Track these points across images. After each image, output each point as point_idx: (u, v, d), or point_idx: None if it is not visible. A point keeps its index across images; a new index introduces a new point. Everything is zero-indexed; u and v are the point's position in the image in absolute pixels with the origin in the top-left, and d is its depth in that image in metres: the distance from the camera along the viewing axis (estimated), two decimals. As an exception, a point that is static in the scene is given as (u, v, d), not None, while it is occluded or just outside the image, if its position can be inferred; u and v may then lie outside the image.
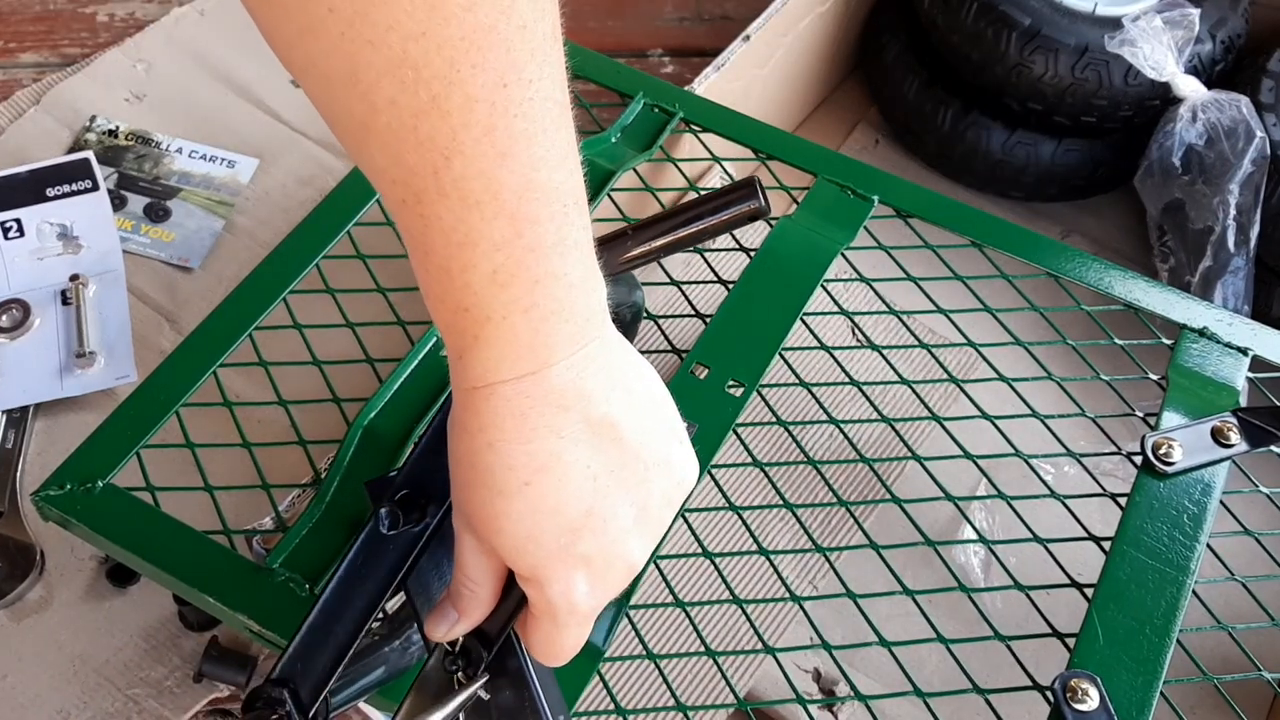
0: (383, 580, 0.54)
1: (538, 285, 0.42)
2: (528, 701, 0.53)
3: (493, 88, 0.38)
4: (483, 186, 0.40)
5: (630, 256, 0.56)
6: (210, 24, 1.24)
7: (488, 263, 0.41)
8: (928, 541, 0.73)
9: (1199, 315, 0.81)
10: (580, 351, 0.44)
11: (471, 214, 0.40)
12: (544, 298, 0.42)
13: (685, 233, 0.57)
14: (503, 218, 0.40)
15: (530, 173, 0.41)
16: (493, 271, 0.41)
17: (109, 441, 0.73)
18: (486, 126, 0.39)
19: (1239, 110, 1.01)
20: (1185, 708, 0.67)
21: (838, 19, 1.23)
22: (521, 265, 0.41)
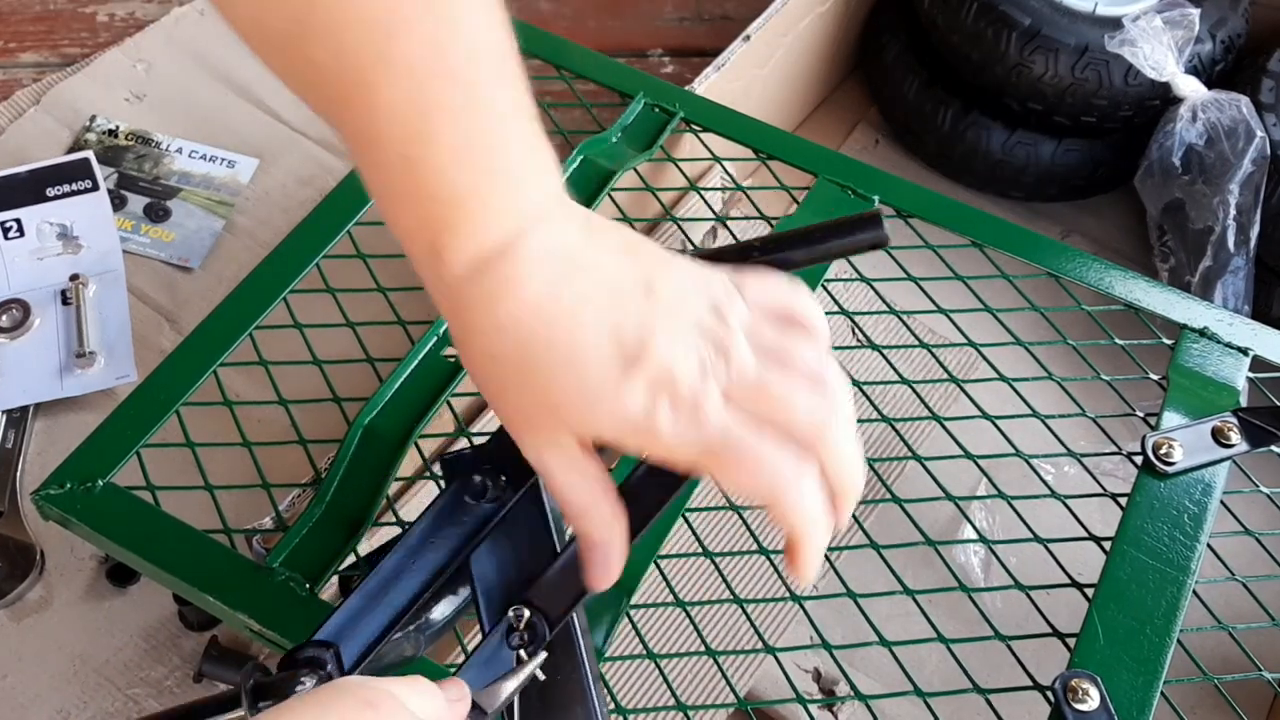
0: (450, 552, 0.55)
1: (504, 149, 0.42)
2: (576, 686, 0.54)
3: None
4: (433, 54, 0.40)
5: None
6: (210, 24, 1.23)
7: (450, 135, 0.40)
8: (928, 541, 0.73)
9: (1199, 315, 0.81)
10: (557, 204, 0.44)
11: (426, 85, 0.40)
12: (510, 161, 0.42)
13: (808, 255, 0.58)
14: (458, 84, 0.40)
15: (478, 34, 0.40)
16: (455, 145, 0.40)
17: (109, 441, 0.73)
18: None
19: (1239, 110, 1.01)
20: (1185, 707, 0.68)
21: (838, 19, 1.23)
22: (484, 131, 0.41)
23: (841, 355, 0.82)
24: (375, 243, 0.84)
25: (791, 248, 0.59)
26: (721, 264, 0.50)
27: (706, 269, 0.48)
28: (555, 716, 0.54)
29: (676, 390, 0.43)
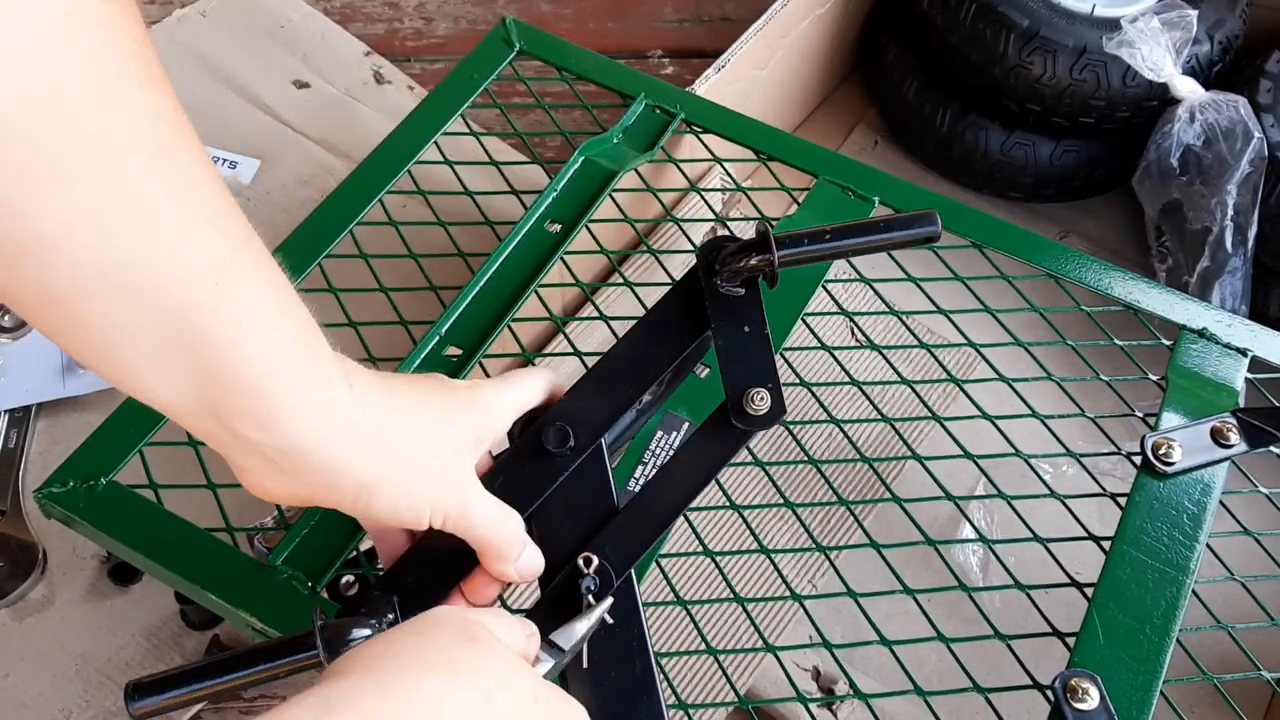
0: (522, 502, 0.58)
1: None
2: (636, 640, 0.57)
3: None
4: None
5: (810, 254, 0.62)
6: (212, 25, 1.24)
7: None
8: (928, 541, 0.73)
9: (1198, 316, 0.82)
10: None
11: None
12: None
13: (871, 243, 0.63)
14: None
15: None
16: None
17: (111, 439, 0.73)
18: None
19: (1237, 111, 1.02)
20: (1184, 707, 0.68)
21: (837, 20, 1.23)
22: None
23: (842, 355, 0.83)
24: (377, 243, 0.84)
25: (859, 236, 0.62)
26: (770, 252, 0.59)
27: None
28: (617, 665, 0.57)
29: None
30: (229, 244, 0.42)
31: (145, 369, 0.42)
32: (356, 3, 1.42)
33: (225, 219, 0.42)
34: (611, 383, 0.61)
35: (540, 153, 1.05)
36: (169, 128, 0.39)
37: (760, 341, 0.61)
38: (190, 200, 0.40)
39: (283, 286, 0.45)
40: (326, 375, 0.47)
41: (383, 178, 0.86)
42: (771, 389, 0.60)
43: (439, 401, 0.54)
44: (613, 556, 0.58)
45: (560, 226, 0.85)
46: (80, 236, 0.37)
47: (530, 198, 0.87)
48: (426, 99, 0.93)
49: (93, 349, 0.42)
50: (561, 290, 0.95)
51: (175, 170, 0.39)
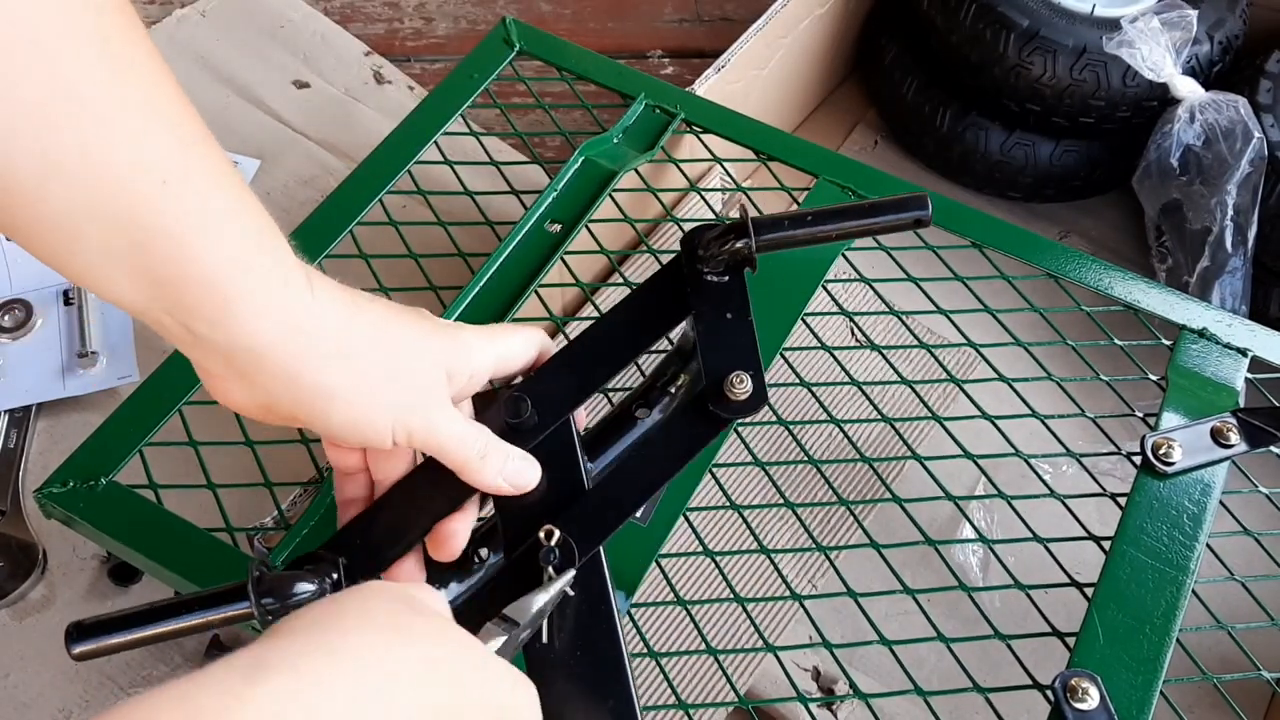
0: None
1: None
2: (604, 621, 0.56)
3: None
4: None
5: (803, 236, 0.61)
6: (212, 25, 1.24)
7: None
8: (927, 540, 0.73)
9: (1198, 316, 0.82)
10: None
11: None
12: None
13: (858, 226, 0.61)
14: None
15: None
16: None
17: (112, 439, 0.73)
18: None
19: (1237, 111, 1.02)
20: (1184, 706, 0.68)
21: (837, 21, 1.23)
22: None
23: (842, 355, 0.83)
24: (377, 242, 0.84)
25: (842, 219, 0.61)
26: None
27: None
28: (584, 646, 0.56)
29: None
30: (177, 140, 0.42)
31: (96, 266, 0.42)
32: (356, 3, 1.42)
33: (172, 116, 0.42)
34: (583, 362, 0.61)
35: (540, 153, 1.05)
36: (112, 18, 0.39)
37: (743, 327, 0.60)
38: (134, 96, 0.40)
39: (238, 187, 0.45)
40: (284, 278, 0.47)
41: (383, 178, 0.86)
42: (753, 375, 0.59)
43: (410, 324, 0.53)
44: (578, 533, 0.56)
45: (560, 226, 0.85)
46: (23, 133, 0.37)
47: (530, 198, 0.87)
48: (426, 99, 0.93)
49: (45, 245, 0.41)
50: (561, 290, 0.95)
51: (117, 64, 0.39)
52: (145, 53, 0.41)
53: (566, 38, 0.97)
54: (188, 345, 0.47)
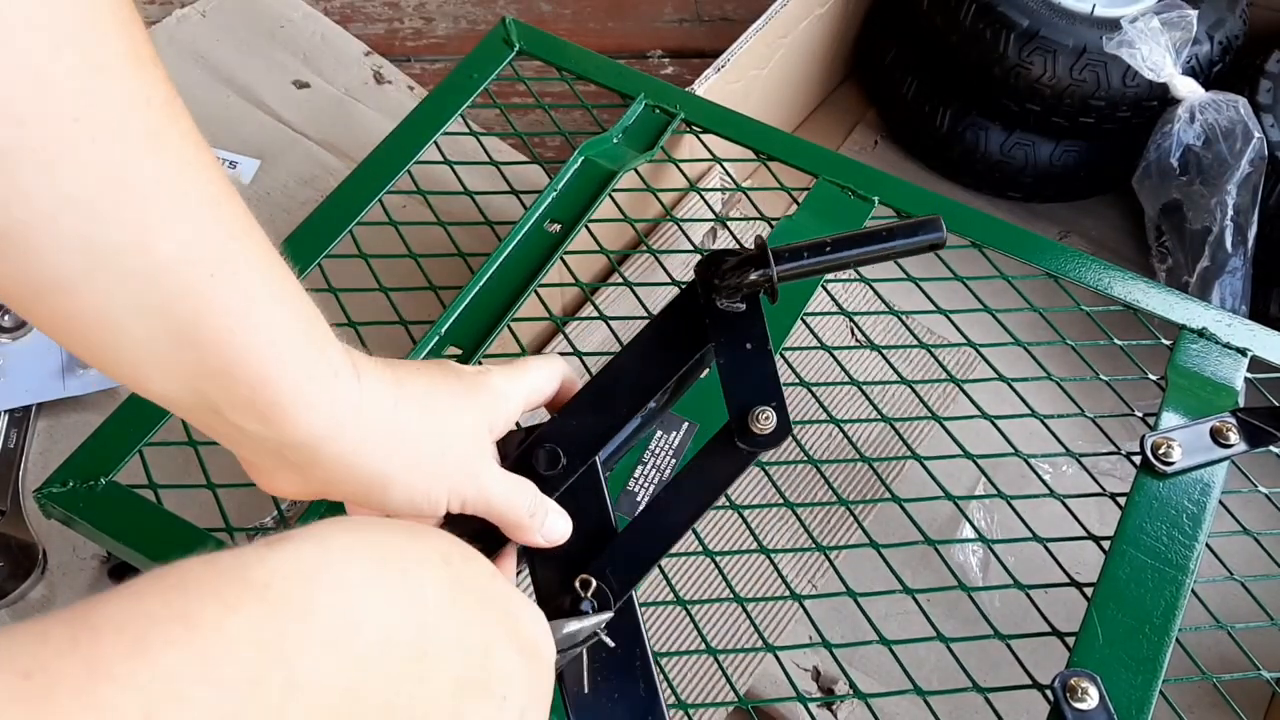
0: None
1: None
2: (639, 661, 0.56)
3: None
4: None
5: (810, 268, 0.60)
6: (212, 25, 1.24)
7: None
8: (927, 540, 0.73)
9: (1198, 316, 0.82)
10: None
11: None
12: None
13: (875, 253, 0.60)
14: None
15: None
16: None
17: (111, 439, 0.73)
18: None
19: (1237, 111, 1.02)
20: (1184, 706, 0.68)
21: (837, 20, 1.23)
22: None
23: (842, 355, 0.83)
24: (377, 242, 0.84)
25: (861, 246, 0.60)
26: (770, 266, 0.58)
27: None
28: (620, 687, 0.56)
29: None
30: (225, 232, 0.41)
31: (141, 363, 0.41)
32: (356, 3, 1.42)
33: (222, 207, 0.41)
34: (606, 400, 0.60)
35: (540, 153, 1.05)
36: (159, 111, 0.38)
37: (763, 359, 0.60)
38: (183, 186, 0.39)
39: (284, 278, 0.44)
40: (333, 368, 0.46)
41: (382, 178, 0.86)
42: (776, 407, 0.58)
43: (450, 389, 0.53)
44: (611, 579, 0.56)
45: (560, 226, 0.85)
46: (66, 223, 0.36)
47: (530, 198, 0.87)
48: (426, 99, 0.93)
49: (86, 341, 0.40)
50: (561, 290, 0.95)
51: (167, 155, 0.38)
52: (193, 143, 0.40)
53: (566, 38, 0.97)
54: (235, 442, 0.46)
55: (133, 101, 0.37)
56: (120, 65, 0.36)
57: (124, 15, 0.36)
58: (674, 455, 0.77)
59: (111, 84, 0.36)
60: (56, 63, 0.34)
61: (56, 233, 0.36)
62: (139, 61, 0.37)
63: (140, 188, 0.37)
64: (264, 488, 0.49)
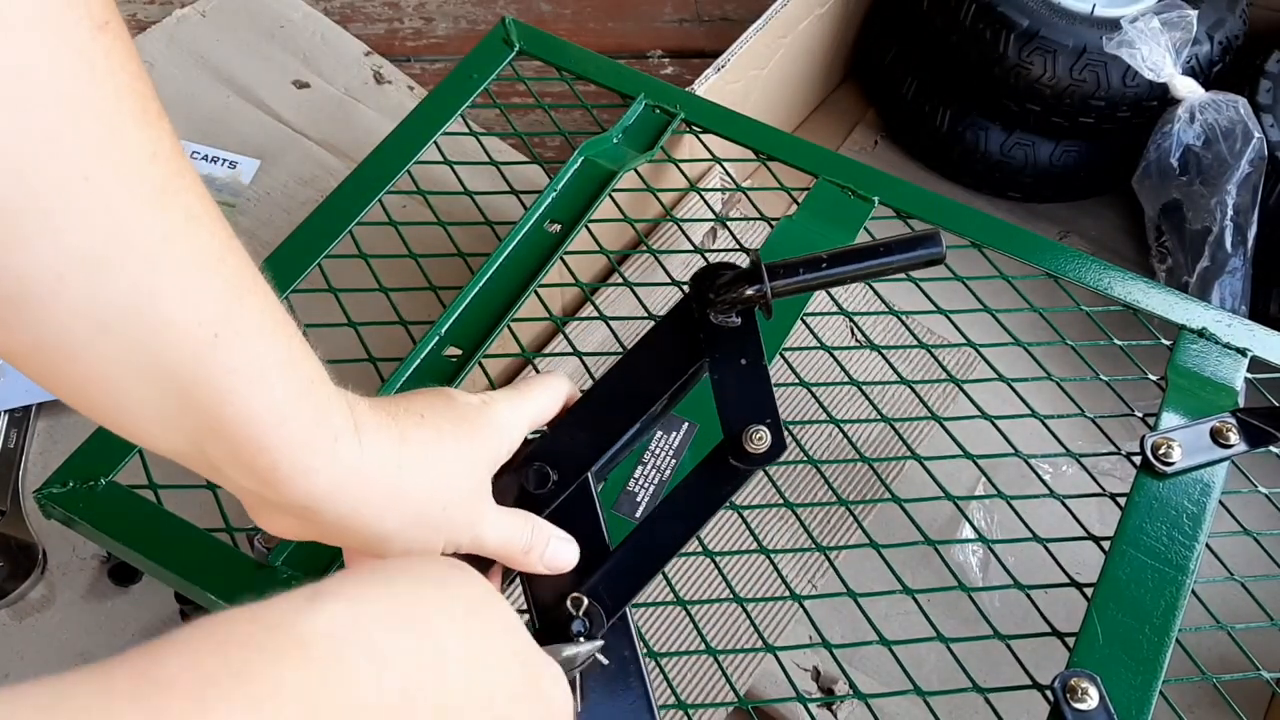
0: None
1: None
2: (634, 679, 0.56)
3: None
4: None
5: (818, 282, 0.60)
6: (212, 25, 1.24)
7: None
8: (927, 541, 0.73)
9: (1198, 316, 0.82)
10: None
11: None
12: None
13: (872, 268, 0.61)
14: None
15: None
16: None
17: (111, 439, 0.73)
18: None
19: (1237, 111, 1.02)
20: (1184, 706, 0.68)
21: (836, 21, 1.23)
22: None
23: (842, 355, 0.83)
24: (377, 243, 0.84)
25: (858, 261, 0.60)
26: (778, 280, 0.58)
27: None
28: (612, 703, 0.56)
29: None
30: (230, 291, 0.40)
31: (145, 421, 0.41)
32: (356, 3, 1.42)
33: (226, 262, 0.40)
34: (599, 417, 0.60)
35: (540, 153, 1.05)
36: (165, 165, 0.37)
37: (758, 375, 0.60)
38: (189, 244, 0.38)
39: (288, 335, 0.43)
40: (333, 431, 0.46)
41: (382, 178, 0.86)
42: (770, 425, 0.58)
43: (455, 433, 0.52)
44: (605, 597, 0.56)
45: (560, 226, 0.85)
46: (73, 284, 0.35)
47: (530, 198, 0.87)
48: (426, 99, 0.93)
49: (89, 401, 0.40)
50: (561, 290, 0.95)
51: (173, 210, 0.37)
52: (197, 195, 0.39)
53: (566, 38, 0.97)
54: (237, 493, 0.46)
55: (140, 157, 0.36)
56: (130, 122, 0.36)
57: (131, 68, 0.36)
58: (674, 456, 0.77)
59: (122, 141, 0.35)
60: (73, 126, 0.34)
61: (66, 295, 0.36)
62: (146, 115, 0.36)
63: (147, 246, 0.37)
64: (263, 528, 0.49)
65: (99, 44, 0.34)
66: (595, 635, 0.55)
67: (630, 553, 0.58)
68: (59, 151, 0.34)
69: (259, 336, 0.42)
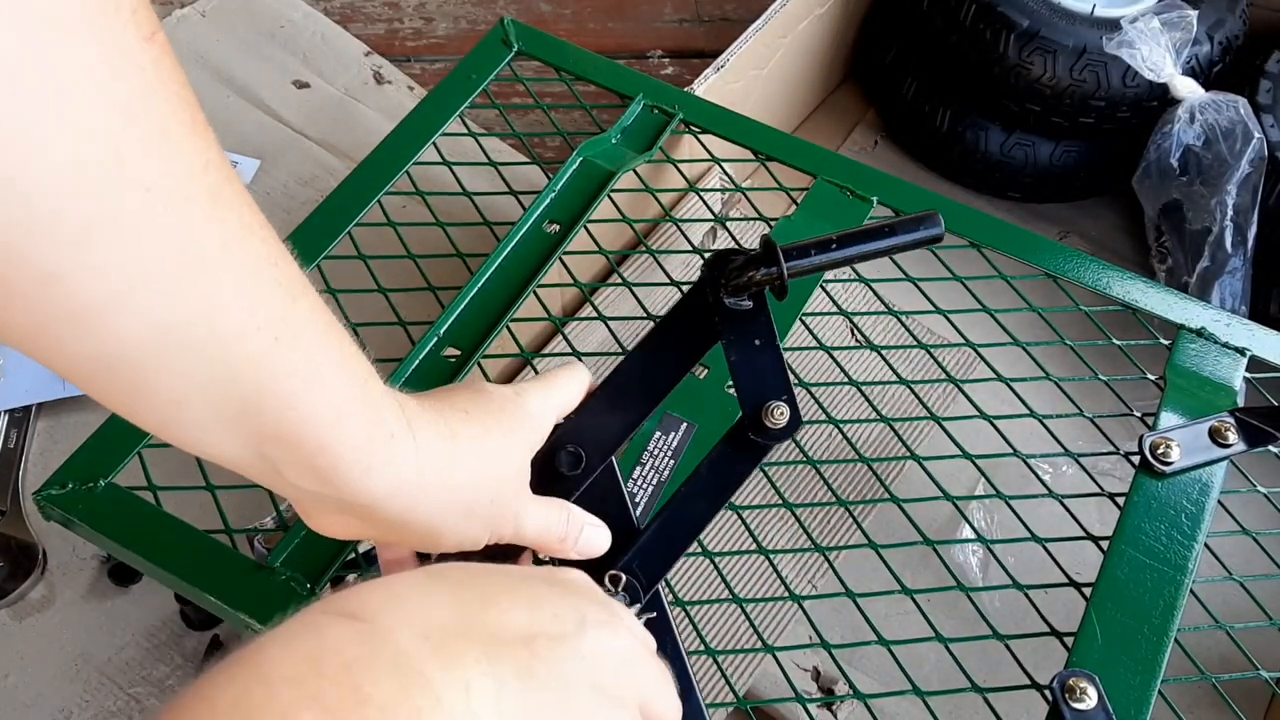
0: None
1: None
2: (670, 648, 0.58)
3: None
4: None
5: (818, 265, 0.62)
6: (211, 25, 1.24)
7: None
8: (926, 541, 0.73)
9: (1197, 316, 0.82)
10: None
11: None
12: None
13: (879, 248, 0.63)
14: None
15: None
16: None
17: (111, 440, 0.73)
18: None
19: (1237, 111, 1.02)
20: (1183, 707, 0.68)
21: (836, 21, 1.23)
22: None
23: (841, 355, 0.83)
24: (376, 243, 0.84)
25: (865, 242, 0.62)
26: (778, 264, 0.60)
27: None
28: None
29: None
30: (286, 294, 0.40)
31: (206, 429, 0.41)
32: (356, 3, 1.42)
33: (279, 267, 0.40)
34: (621, 399, 0.62)
35: (539, 153, 1.05)
36: (217, 174, 0.37)
37: (772, 354, 0.62)
38: (244, 251, 0.38)
39: (340, 337, 0.44)
40: (388, 429, 0.46)
41: (381, 178, 0.86)
42: (788, 401, 0.61)
43: (500, 428, 0.54)
44: (640, 574, 0.59)
45: (559, 227, 0.85)
46: (139, 297, 0.35)
47: (529, 198, 0.87)
48: (425, 100, 0.93)
49: (151, 412, 0.40)
50: (560, 290, 0.95)
51: (228, 219, 0.38)
52: (245, 203, 0.39)
53: (566, 38, 0.97)
54: (293, 496, 0.47)
55: (195, 166, 0.36)
56: (181, 130, 0.36)
57: (179, 76, 0.35)
58: (673, 457, 0.76)
59: (178, 150, 0.35)
60: (130, 131, 0.33)
61: (131, 309, 0.36)
62: (195, 125, 0.36)
63: (207, 255, 0.37)
64: (319, 530, 0.50)
65: (148, 54, 0.34)
66: (640, 610, 0.58)
67: (659, 531, 0.60)
68: (126, 164, 0.33)
69: (314, 338, 0.42)
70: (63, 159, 0.32)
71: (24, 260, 0.32)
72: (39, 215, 0.32)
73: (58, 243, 0.33)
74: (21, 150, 0.31)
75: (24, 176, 0.31)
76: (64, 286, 0.34)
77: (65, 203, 0.32)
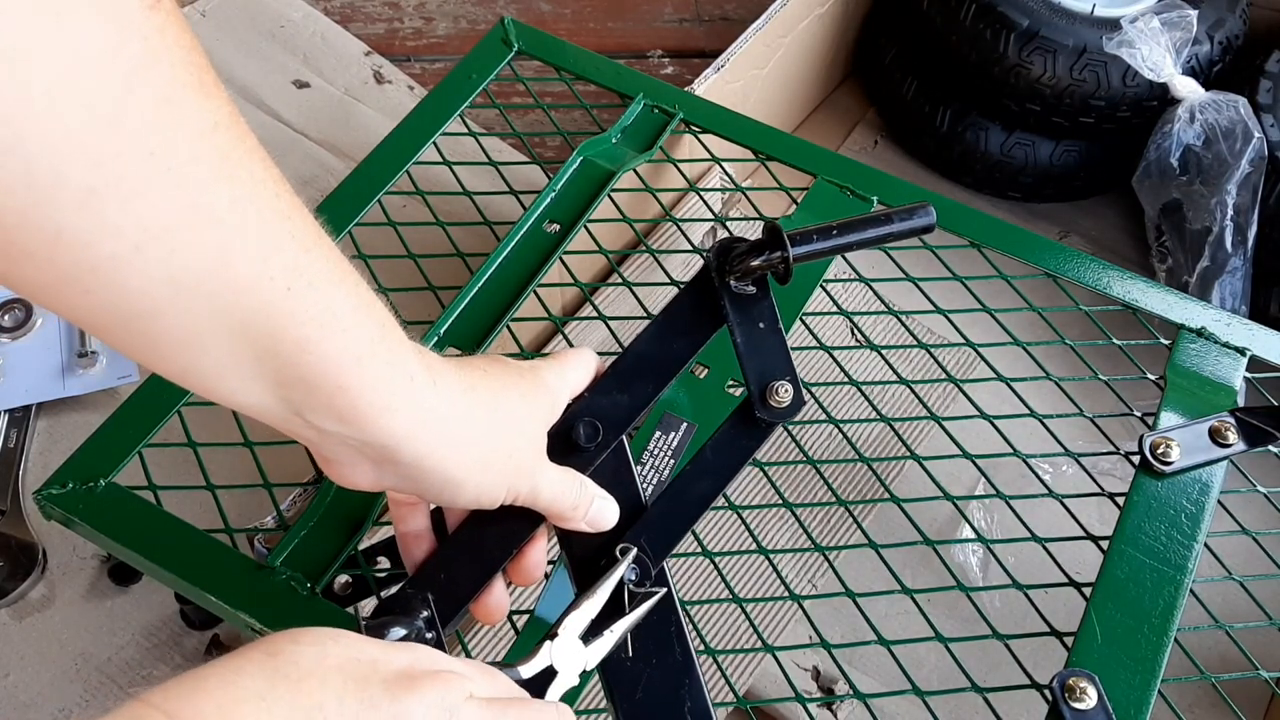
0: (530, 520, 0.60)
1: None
2: (674, 627, 0.59)
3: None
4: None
5: (821, 250, 0.65)
6: (211, 25, 1.24)
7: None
8: (926, 541, 0.73)
9: (1197, 315, 0.82)
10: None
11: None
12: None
13: (874, 236, 0.65)
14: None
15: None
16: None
17: (111, 440, 0.73)
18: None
19: (1237, 111, 1.02)
20: (1183, 706, 0.68)
21: (836, 20, 1.23)
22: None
23: (841, 355, 0.83)
24: (376, 243, 0.84)
25: (865, 229, 0.64)
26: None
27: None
28: (657, 653, 0.59)
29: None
30: (299, 246, 0.42)
31: (225, 376, 0.43)
32: (356, 3, 1.42)
33: (293, 220, 0.42)
34: (632, 379, 0.63)
35: (539, 153, 1.05)
36: (227, 133, 0.39)
37: (775, 336, 0.64)
38: (255, 206, 0.40)
39: (356, 284, 0.45)
40: (408, 372, 0.48)
41: (382, 178, 0.86)
42: (791, 380, 0.63)
43: (515, 389, 0.55)
44: (648, 548, 0.60)
45: (559, 227, 0.85)
46: (150, 254, 0.37)
47: (529, 198, 0.87)
48: (425, 99, 0.93)
49: (171, 361, 0.42)
50: (560, 290, 0.95)
51: (238, 176, 0.39)
52: (259, 160, 0.41)
53: (566, 38, 0.97)
54: (314, 441, 0.48)
55: (201, 128, 0.38)
56: (187, 94, 0.37)
57: (186, 41, 0.37)
58: (673, 456, 0.77)
59: (181, 114, 0.37)
60: (129, 100, 0.35)
61: (143, 264, 0.37)
62: (203, 88, 0.38)
63: (216, 212, 0.39)
64: (338, 481, 0.51)
65: (152, 22, 0.35)
66: (644, 584, 0.59)
67: (666, 507, 0.61)
68: (125, 132, 0.35)
69: (329, 285, 0.43)
70: (61, 128, 0.33)
71: (30, 222, 0.34)
72: (41, 181, 0.34)
73: (61, 206, 0.34)
74: (21, 119, 0.32)
75: (23, 145, 0.33)
76: (72, 246, 0.35)
77: (66, 168, 0.34)
